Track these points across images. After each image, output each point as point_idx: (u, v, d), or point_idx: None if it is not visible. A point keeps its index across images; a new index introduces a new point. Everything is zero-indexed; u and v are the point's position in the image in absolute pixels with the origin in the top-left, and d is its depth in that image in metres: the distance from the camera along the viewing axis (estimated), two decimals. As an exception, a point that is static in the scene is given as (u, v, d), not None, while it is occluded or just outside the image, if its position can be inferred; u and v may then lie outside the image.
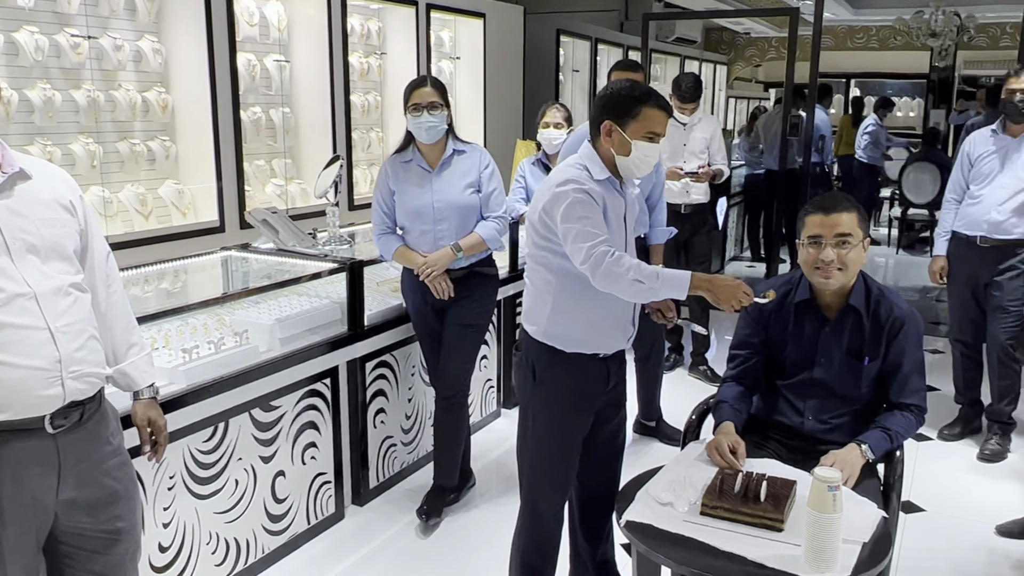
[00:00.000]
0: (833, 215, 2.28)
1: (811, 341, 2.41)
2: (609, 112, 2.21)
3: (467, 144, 3.22)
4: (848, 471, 2.19)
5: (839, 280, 2.31)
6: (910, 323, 2.35)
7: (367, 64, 5.08)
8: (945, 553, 3.08)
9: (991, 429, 3.96)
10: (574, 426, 2.38)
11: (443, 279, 3.10)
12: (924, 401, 2.37)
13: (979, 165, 3.83)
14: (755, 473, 2.10)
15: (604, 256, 2.12)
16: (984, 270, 3.81)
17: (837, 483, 1.78)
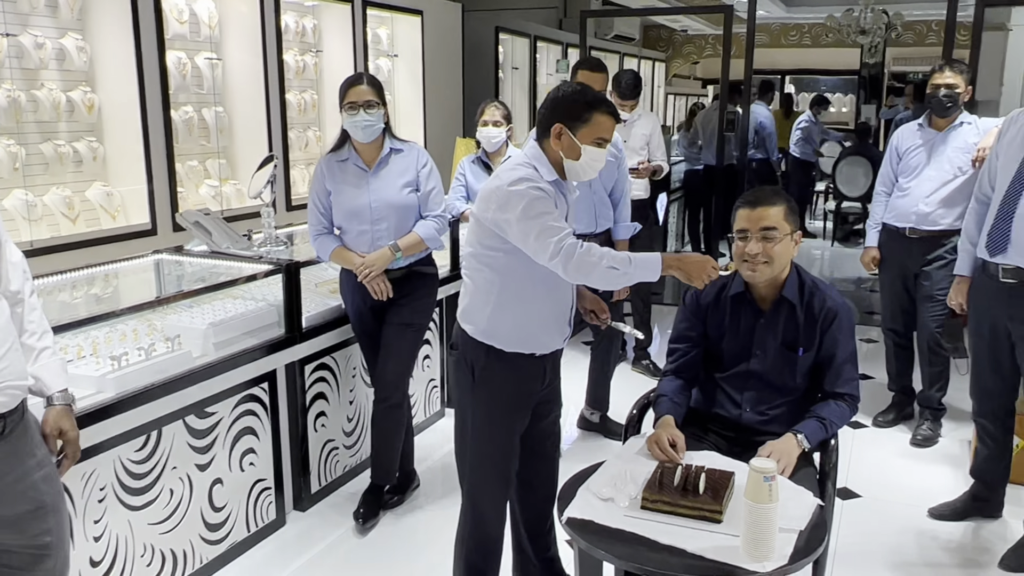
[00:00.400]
0: (759, 209, 2.32)
1: (747, 333, 2.44)
2: (560, 115, 2.22)
3: (404, 143, 3.19)
4: (785, 461, 2.22)
5: (765, 273, 2.35)
6: (843, 315, 2.40)
7: (303, 62, 5.00)
8: (880, 538, 3.15)
9: (923, 415, 4.06)
10: (513, 425, 2.38)
11: (382, 280, 3.07)
12: (857, 390, 2.42)
13: (907, 158, 3.92)
14: (694, 466, 2.12)
15: (574, 248, 2.12)
16: (913, 261, 3.90)
17: (773, 473, 1.80)
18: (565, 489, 2.16)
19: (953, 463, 3.75)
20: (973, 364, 3.08)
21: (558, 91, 2.26)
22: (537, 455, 2.52)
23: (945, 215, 3.80)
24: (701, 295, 2.52)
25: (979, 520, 3.23)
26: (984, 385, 3.05)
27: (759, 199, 2.34)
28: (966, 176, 3.75)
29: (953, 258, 3.78)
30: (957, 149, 3.77)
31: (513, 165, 2.26)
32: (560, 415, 2.61)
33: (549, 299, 2.30)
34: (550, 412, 2.53)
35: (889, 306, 4.11)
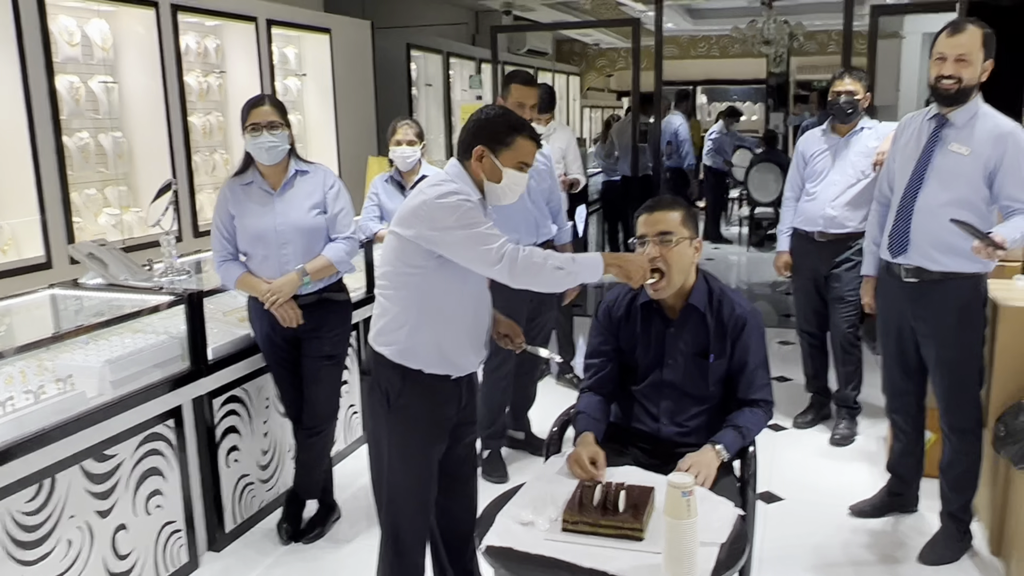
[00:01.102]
0: (656, 213, 2.34)
1: (658, 342, 2.44)
2: (483, 138, 2.20)
3: (310, 164, 3.10)
4: (705, 473, 2.21)
5: (665, 289, 2.35)
6: (752, 321, 2.41)
7: (206, 83, 4.84)
8: (804, 539, 3.17)
9: (840, 414, 4.12)
10: (431, 452, 2.32)
11: (290, 306, 2.97)
12: (771, 395, 2.44)
13: (812, 164, 3.99)
14: (614, 483, 2.08)
15: (517, 252, 2.10)
16: (823, 263, 3.96)
17: (690, 488, 1.77)
18: (484, 515, 2.09)
19: (871, 460, 3.82)
20: (883, 362, 3.13)
21: (482, 113, 2.24)
22: (456, 479, 2.46)
23: (851, 218, 3.87)
24: (612, 308, 2.51)
25: (897, 515, 3.28)
26: (894, 382, 3.11)
27: (656, 204, 2.38)
28: (869, 179, 3.83)
29: (860, 259, 3.86)
30: (859, 153, 3.86)
31: (437, 180, 2.22)
32: (476, 437, 2.55)
33: (468, 318, 2.26)
34: (467, 434, 2.47)
35: (802, 309, 4.17)
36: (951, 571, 2.92)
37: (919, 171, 2.83)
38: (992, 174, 2.72)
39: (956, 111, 2.76)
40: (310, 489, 3.22)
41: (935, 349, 2.88)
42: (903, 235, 2.86)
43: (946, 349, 2.85)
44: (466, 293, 2.22)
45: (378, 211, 4.08)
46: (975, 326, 2.84)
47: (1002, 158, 2.69)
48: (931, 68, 2.76)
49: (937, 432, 3.18)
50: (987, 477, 3.04)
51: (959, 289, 2.80)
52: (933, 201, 2.79)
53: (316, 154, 5.75)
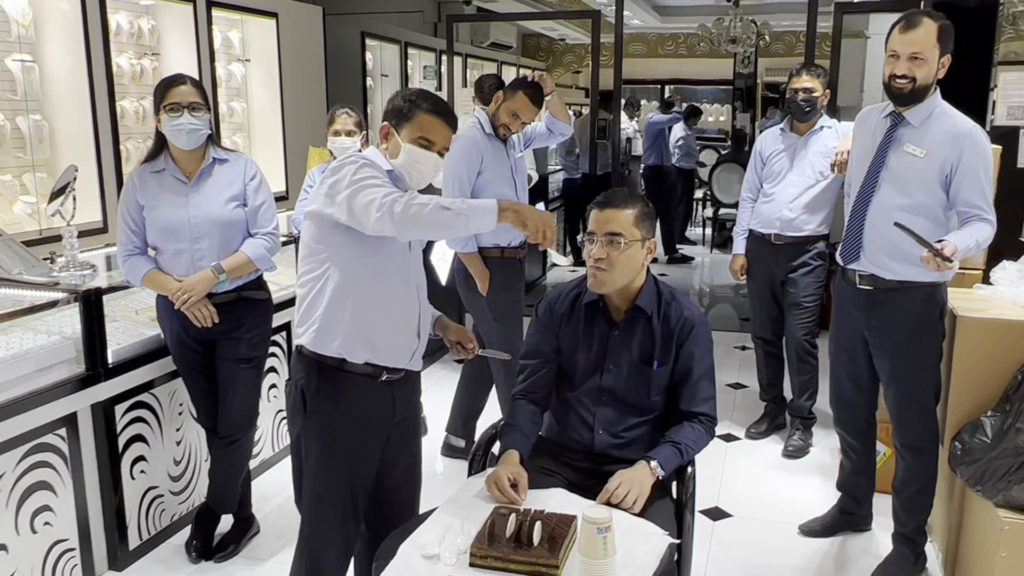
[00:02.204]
0: (607, 211, 2.17)
1: (600, 346, 2.27)
2: (388, 114, 2.12)
3: (230, 152, 2.89)
4: (636, 491, 2.04)
5: (603, 280, 2.18)
6: (700, 327, 2.25)
7: (139, 66, 4.55)
8: (751, 559, 3.02)
9: (794, 425, 3.98)
10: (356, 464, 2.12)
11: (203, 305, 2.75)
12: (714, 410, 2.27)
13: (770, 164, 3.86)
14: (532, 511, 1.87)
15: (398, 197, 1.90)
16: (779, 267, 3.83)
17: (607, 524, 1.57)
18: (386, 546, 1.87)
19: (824, 473, 3.67)
20: (832, 373, 2.98)
21: (399, 92, 2.16)
22: (392, 502, 2.26)
23: (808, 220, 3.75)
24: (555, 304, 2.33)
25: (849, 534, 3.14)
26: (843, 395, 2.95)
27: (610, 201, 2.19)
28: (828, 180, 3.71)
29: (818, 264, 3.78)
30: (818, 153, 3.73)
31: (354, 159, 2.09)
32: (419, 456, 2.35)
33: (391, 298, 2.10)
34: (407, 451, 2.26)
35: (758, 314, 4.03)
36: (903, 596, 2.77)
37: (872, 173, 2.68)
38: (948, 177, 2.56)
39: (912, 109, 2.60)
40: (224, 503, 3.01)
41: (888, 361, 2.73)
42: (855, 241, 2.71)
43: (900, 362, 2.70)
44: (388, 268, 2.08)
45: (314, 205, 3.85)
46: (931, 338, 2.68)
47: (959, 160, 2.54)
48: (884, 66, 2.59)
49: (891, 446, 3.02)
50: (942, 497, 2.89)
51: (915, 299, 2.65)
52: (887, 205, 2.64)
53: (260, 145, 5.49)
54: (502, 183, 3.59)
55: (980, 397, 2.70)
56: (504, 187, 3.58)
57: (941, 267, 2.33)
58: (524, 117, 3.52)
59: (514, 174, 3.66)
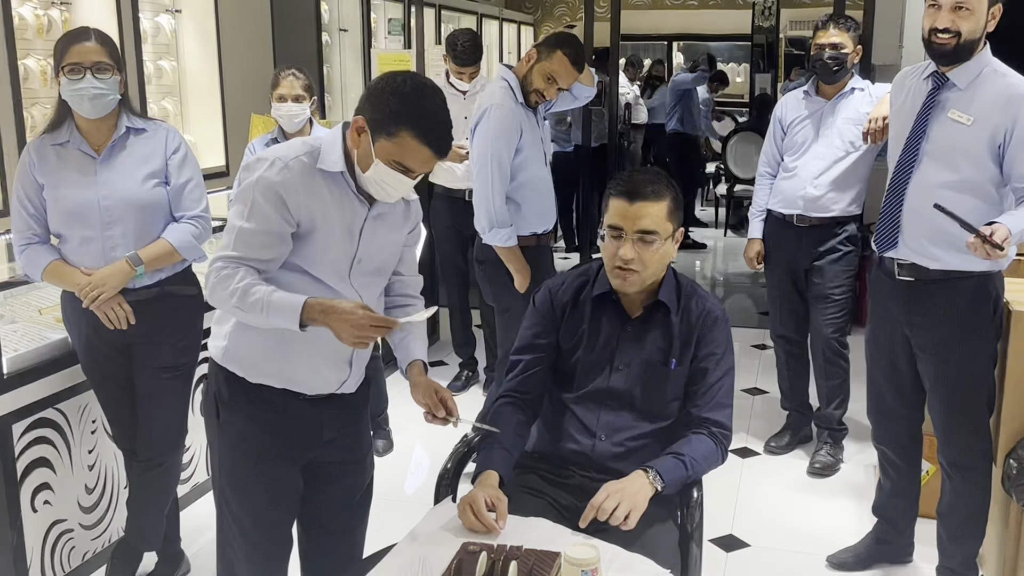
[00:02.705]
0: (637, 204, 2.12)
1: (609, 343, 2.25)
2: (369, 108, 1.95)
3: (148, 121, 2.84)
4: (629, 503, 1.99)
5: (636, 283, 2.18)
6: (722, 323, 2.25)
7: (47, 18, 4.45)
8: (772, 598, 2.98)
9: (821, 438, 3.96)
10: (270, 484, 2.11)
11: (117, 303, 2.69)
12: (729, 420, 2.24)
13: (792, 133, 3.82)
14: (508, 548, 1.81)
15: (219, 270, 1.95)
16: (803, 254, 3.79)
17: (593, 566, 1.51)
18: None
19: (857, 495, 3.65)
20: (869, 381, 2.95)
21: (393, 80, 1.94)
22: (329, 531, 2.27)
23: (837, 199, 3.71)
24: (556, 293, 2.32)
25: (886, 566, 3.11)
26: (883, 405, 2.92)
27: (640, 191, 2.13)
28: (859, 152, 3.68)
29: (849, 250, 3.75)
30: (848, 120, 3.68)
31: (290, 143, 2.07)
32: (363, 482, 2.32)
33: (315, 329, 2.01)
34: (345, 476, 2.24)
35: (778, 309, 4.00)
36: (949, 641, 2.74)
37: (912, 145, 2.65)
38: (1001, 148, 2.53)
39: (957, 69, 2.56)
40: (146, 538, 2.96)
41: (934, 365, 2.70)
42: (893, 225, 2.67)
43: (947, 365, 2.67)
44: (301, 283, 2.02)
45: (255, 182, 3.78)
46: (983, 338, 2.65)
47: (1013, 127, 2.50)
48: (924, 18, 2.55)
49: (936, 464, 3.00)
50: (995, 523, 2.86)
51: (963, 291, 2.61)
52: (929, 183, 2.60)
53: (195, 112, 5.39)
54: (536, 162, 3.58)
55: (1039, 406, 2.68)
56: (539, 167, 3.58)
57: (991, 255, 2.30)
58: (562, 83, 3.44)
59: (544, 149, 3.64)
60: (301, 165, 1.96)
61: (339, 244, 2.03)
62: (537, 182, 3.59)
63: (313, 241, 2.00)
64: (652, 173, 2.20)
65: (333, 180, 2.00)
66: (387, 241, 2.13)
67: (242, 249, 1.94)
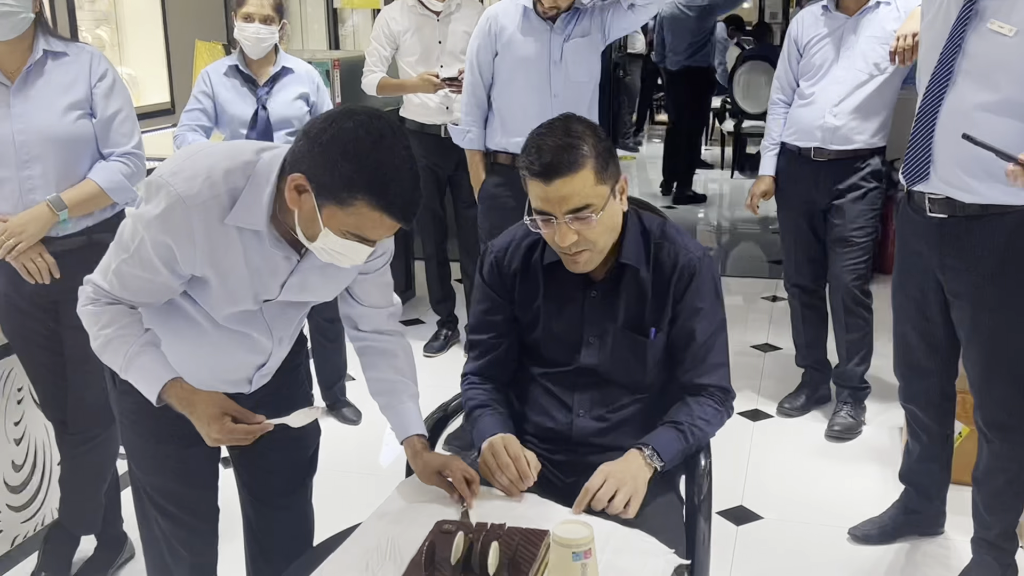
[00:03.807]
0: (556, 183, 1.92)
1: (574, 313, 2.16)
2: (312, 165, 1.66)
3: (69, 43, 2.74)
4: (629, 489, 1.93)
5: (592, 260, 2.05)
6: (702, 272, 2.12)
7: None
8: (791, 574, 2.99)
9: (840, 397, 3.95)
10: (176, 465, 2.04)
11: (38, 253, 2.62)
12: (727, 380, 2.18)
13: (809, 54, 3.76)
14: (487, 526, 1.74)
15: (90, 300, 1.88)
16: (821, 192, 3.76)
17: (587, 547, 1.44)
18: None
19: (881, 460, 3.65)
20: (896, 333, 2.91)
21: (341, 131, 1.65)
22: (269, 506, 2.23)
23: (859, 129, 3.66)
24: (504, 260, 2.21)
25: (915, 539, 3.11)
26: (912, 360, 2.88)
27: (553, 164, 1.92)
28: (885, 75, 3.62)
29: (872, 187, 3.73)
30: (872, 39, 3.61)
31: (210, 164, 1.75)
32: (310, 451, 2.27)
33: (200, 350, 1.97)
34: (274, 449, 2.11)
35: (793, 255, 3.97)
36: (986, 620, 2.75)
37: (945, 61, 2.56)
38: None
39: None
40: (82, 520, 2.92)
41: (970, 312, 2.64)
42: (924, 154, 2.60)
43: (985, 313, 2.61)
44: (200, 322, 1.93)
45: (206, 117, 3.65)
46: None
47: None
48: None
49: (970, 425, 3.01)
50: (1038, 490, 2.83)
51: (1003, 228, 2.54)
52: (965, 104, 2.52)
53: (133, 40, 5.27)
54: (529, 82, 3.56)
55: (1088, 358, 2.63)
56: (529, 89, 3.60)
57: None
58: None
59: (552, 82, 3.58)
60: (206, 212, 1.73)
61: (245, 295, 1.86)
62: (521, 105, 3.58)
63: (207, 289, 1.85)
64: (561, 131, 1.97)
65: (250, 234, 1.80)
66: (326, 282, 1.95)
67: (117, 289, 1.84)
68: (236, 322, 1.91)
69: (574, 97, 3.60)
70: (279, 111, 3.60)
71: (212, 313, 1.89)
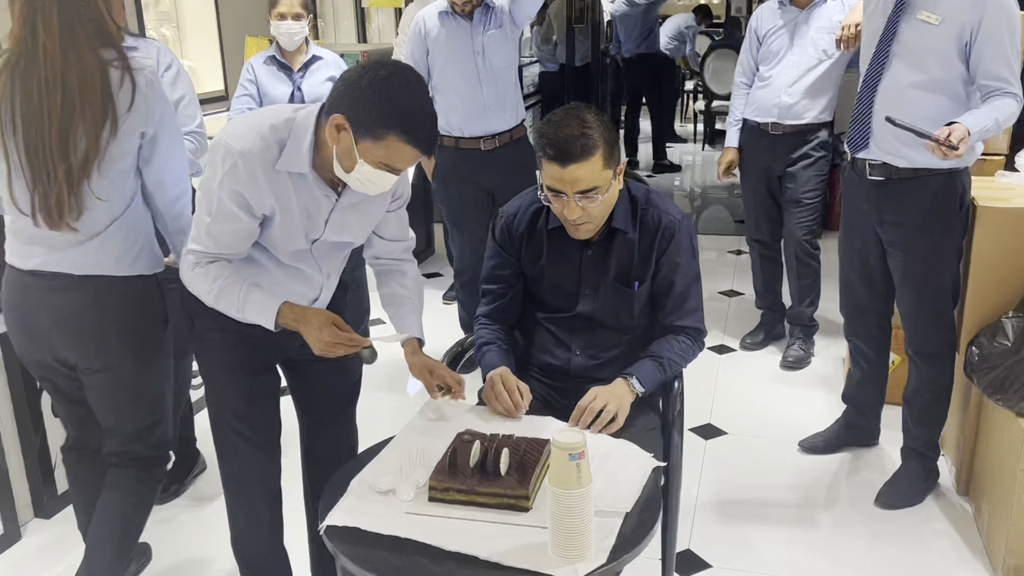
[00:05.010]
0: (571, 167, 1.92)
1: (571, 271, 2.17)
2: (349, 104, 1.72)
3: (140, 40, 2.69)
4: (615, 405, 1.97)
5: (592, 230, 2.08)
6: (681, 232, 2.13)
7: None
8: (748, 480, 2.99)
9: (793, 334, 3.93)
10: (244, 391, 2.04)
11: None
12: (701, 322, 2.19)
13: (767, 43, 3.70)
14: (499, 436, 1.78)
15: (193, 265, 1.88)
16: (777, 161, 3.71)
17: (580, 449, 1.47)
18: (333, 484, 1.78)
19: (827, 385, 3.64)
20: (842, 277, 2.90)
21: (374, 72, 1.72)
22: (320, 424, 2.23)
23: (810, 107, 3.62)
24: (513, 223, 2.21)
25: (855, 449, 3.11)
26: (855, 300, 2.88)
27: (569, 152, 1.91)
28: (832, 60, 3.57)
29: (820, 155, 3.68)
30: (821, 29, 3.56)
31: (257, 122, 1.81)
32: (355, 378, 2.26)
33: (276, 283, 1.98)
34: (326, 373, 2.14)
35: (753, 213, 3.93)
36: (913, 514, 2.76)
37: (882, 47, 2.55)
38: (968, 46, 2.43)
39: None
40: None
41: (903, 260, 2.65)
42: (864, 126, 2.59)
43: (915, 260, 2.62)
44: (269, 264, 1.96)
45: (252, 101, 3.67)
46: (950, 233, 2.59)
47: (979, 24, 2.39)
48: None
49: (902, 356, 2.99)
50: (956, 408, 2.85)
51: (931, 188, 2.55)
52: (899, 83, 2.52)
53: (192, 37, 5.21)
54: (457, 73, 3.48)
55: (1001, 297, 2.63)
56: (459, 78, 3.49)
57: (948, 155, 2.24)
58: None
59: (477, 61, 3.49)
60: (262, 161, 1.79)
61: (299, 233, 1.90)
62: (456, 91, 3.53)
63: (271, 228, 1.88)
64: (577, 120, 1.94)
65: (297, 176, 1.84)
66: (360, 220, 1.99)
67: (212, 246, 1.86)
68: (293, 259, 1.95)
69: (499, 81, 3.51)
70: (312, 92, 3.60)
71: (275, 254, 1.92)
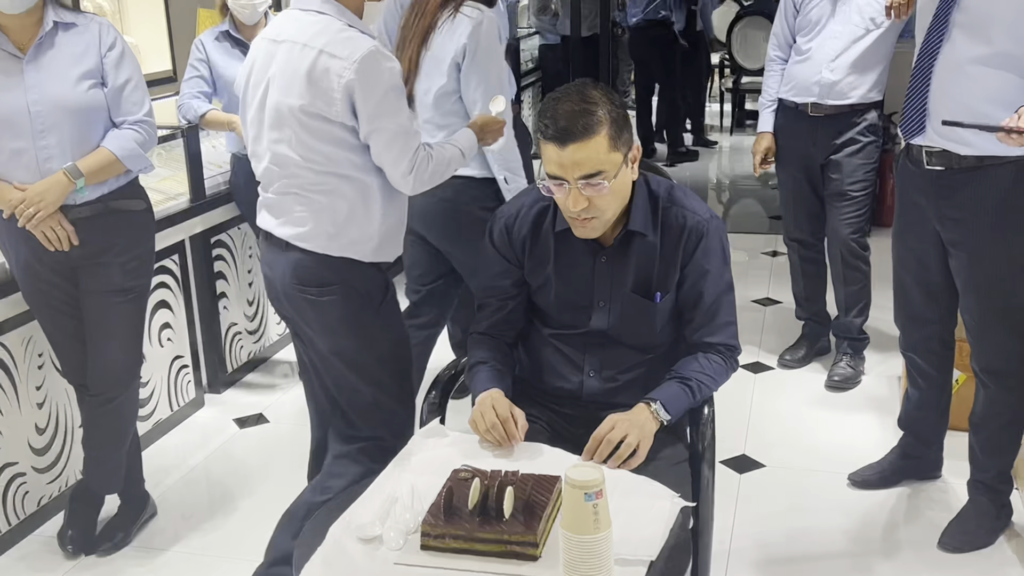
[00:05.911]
0: (570, 148, 1.94)
1: (583, 280, 2.19)
2: None
3: (78, 14, 2.75)
4: (637, 435, 1.98)
5: (599, 227, 2.08)
6: (711, 234, 2.14)
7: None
8: (791, 520, 3.02)
9: (840, 348, 3.97)
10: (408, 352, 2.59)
11: (56, 221, 2.64)
12: (734, 338, 2.21)
13: (806, 10, 3.75)
14: (502, 473, 1.80)
15: (427, 160, 2.36)
16: (819, 147, 3.76)
17: (598, 488, 1.49)
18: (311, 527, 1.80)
19: (880, 408, 3.68)
20: (897, 284, 2.93)
21: None
22: None
23: (856, 84, 3.66)
24: (512, 226, 2.22)
25: (913, 483, 3.15)
26: (912, 310, 2.90)
27: (568, 129, 1.93)
28: (881, 30, 3.61)
29: (869, 140, 3.73)
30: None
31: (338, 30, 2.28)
32: None
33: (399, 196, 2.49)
34: None
35: (792, 210, 3.98)
36: (984, 558, 2.78)
37: (941, 15, 2.57)
38: None
39: None
40: (106, 480, 2.96)
41: (967, 262, 2.66)
42: (919, 107, 2.61)
43: (981, 263, 2.64)
44: None
45: (205, 83, 3.72)
46: (1022, 231, 2.60)
47: None
48: None
49: (967, 373, 3.02)
50: (1032, 433, 2.87)
51: (1000, 180, 2.56)
52: (959, 58, 2.53)
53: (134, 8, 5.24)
54: None
55: (1081, 304, 2.66)
56: None
57: (1022, 142, 2.25)
58: None
59: None
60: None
61: None
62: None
63: None
64: (578, 96, 1.97)
65: None
66: None
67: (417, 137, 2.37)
68: None
69: None
70: None
71: None
